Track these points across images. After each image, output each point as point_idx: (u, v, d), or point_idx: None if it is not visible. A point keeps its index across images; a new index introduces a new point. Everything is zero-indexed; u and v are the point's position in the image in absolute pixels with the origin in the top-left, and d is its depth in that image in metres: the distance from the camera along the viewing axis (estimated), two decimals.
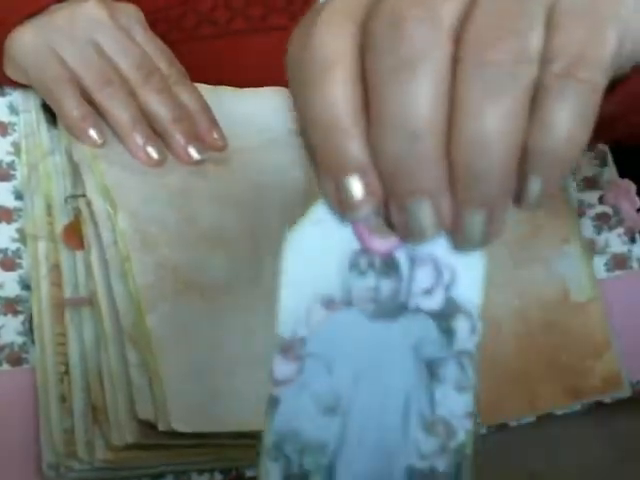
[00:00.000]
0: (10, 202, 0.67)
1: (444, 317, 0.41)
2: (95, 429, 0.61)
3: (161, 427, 0.58)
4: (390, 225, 0.39)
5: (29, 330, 0.65)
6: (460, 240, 0.39)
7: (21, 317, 0.65)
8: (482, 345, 0.41)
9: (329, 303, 0.40)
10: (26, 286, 0.66)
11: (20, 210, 0.67)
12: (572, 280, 0.70)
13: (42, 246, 0.65)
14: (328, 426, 0.40)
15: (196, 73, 0.70)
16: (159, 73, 0.69)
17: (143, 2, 0.70)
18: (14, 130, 0.69)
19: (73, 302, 0.64)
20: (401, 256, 0.40)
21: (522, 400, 0.68)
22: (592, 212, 0.72)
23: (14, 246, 0.66)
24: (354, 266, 0.40)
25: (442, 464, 0.41)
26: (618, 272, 0.71)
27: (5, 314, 0.65)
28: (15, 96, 0.69)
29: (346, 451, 0.40)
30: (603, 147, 0.73)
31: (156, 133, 0.68)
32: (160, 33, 0.70)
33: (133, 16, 0.70)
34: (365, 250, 0.40)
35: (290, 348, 0.40)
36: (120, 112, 0.67)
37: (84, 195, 0.64)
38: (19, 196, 0.67)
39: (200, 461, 0.64)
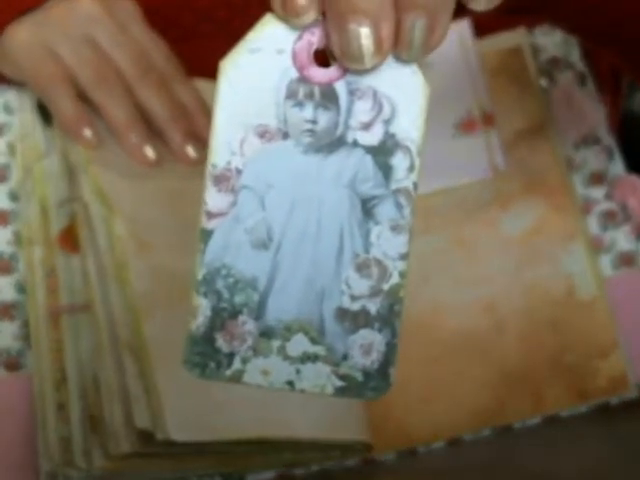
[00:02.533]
0: (5, 204, 0.66)
1: (382, 153, 0.40)
2: (93, 438, 0.60)
3: (159, 437, 0.57)
4: (332, 55, 0.39)
5: (26, 335, 0.64)
6: (401, 49, 0.39)
7: (18, 322, 0.64)
8: (418, 184, 0.41)
9: (264, 133, 0.40)
10: (22, 290, 0.65)
11: (16, 213, 0.66)
12: (578, 278, 0.69)
13: (37, 251, 0.64)
14: (260, 261, 0.40)
15: (194, 72, 0.69)
16: (156, 69, 0.68)
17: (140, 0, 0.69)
18: (9, 130, 0.68)
19: (69, 309, 0.63)
20: (341, 88, 0.40)
21: (527, 401, 0.68)
22: (598, 209, 0.71)
23: (10, 249, 0.66)
24: (291, 95, 0.40)
25: (374, 306, 0.41)
26: (624, 270, 0.70)
27: (1, 319, 0.64)
28: (10, 96, 0.68)
29: (277, 288, 0.41)
30: (609, 142, 0.72)
31: (153, 130, 0.67)
32: (157, 31, 0.68)
33: (130, 12, 0.68)
34: (304, 79, 0.40)
35: (224, 179, 0.40)
36: (116, 111, 0.66)
37: (80, 198, 0.63)
38: (14, 198, 0.66)
39: (199, 468, 0.63)
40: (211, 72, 0.72)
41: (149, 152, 0.66)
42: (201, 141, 0.67)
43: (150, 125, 0.67)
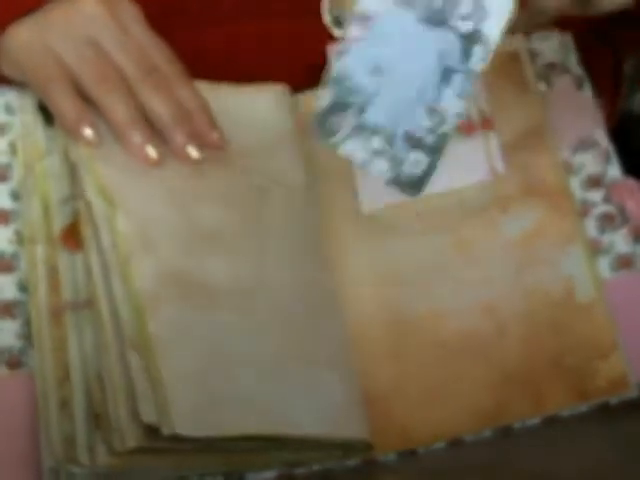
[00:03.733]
0: (7, 204, 0.66)
1: (469, 40, 0.59)
2: (97, 434, 0.60)
3: (165, 431, 0.57)
4: None
5: (28, 334, 0.64)
6: None
7: (19, 320, 0.64)
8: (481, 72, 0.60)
9: None
10: (24, 289, 0.65)
11: (17, 212, 0.66)
12: (577, 280, 0.69)
13: (39, 249, 0.64)
14: (371, 81, 0.60)
15: (199, 60, 0.70)
16: (158, 70, 0.68)
17: None
18: (10, 130, 0.68)
19: (73, 305, 0.63)
20: None
21: (528, 401, 0.68)
22: (596, 211, 0.71)
23: (11, 248, 0.65)
24: None
25: (431, 139, 0.61)
26: (623, 272, 0.70)
27: (3, 318, 0.64)
28: (11, 96, 0.68)
29: (379, 99, 0.60)
30: (607, 145, 0.72)
31: (155, 131, 0.67)
32: (162, 19, 0.69)
33: (132, 13, 0.69)
34: None
35: (366, 19, 0.60)
36: (118, 110, 0.66)
37: (83, 195, 0.63)
38: (16, 197, 0.66)
39: (202, 465, 0.63)
40: (217, 60, 0.73)
41: (151, 151, 0.66)
42: (203, 141, 0.68)
43: (152, 126, 0.67)
